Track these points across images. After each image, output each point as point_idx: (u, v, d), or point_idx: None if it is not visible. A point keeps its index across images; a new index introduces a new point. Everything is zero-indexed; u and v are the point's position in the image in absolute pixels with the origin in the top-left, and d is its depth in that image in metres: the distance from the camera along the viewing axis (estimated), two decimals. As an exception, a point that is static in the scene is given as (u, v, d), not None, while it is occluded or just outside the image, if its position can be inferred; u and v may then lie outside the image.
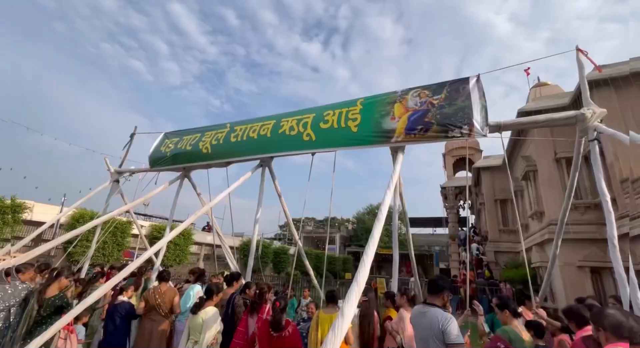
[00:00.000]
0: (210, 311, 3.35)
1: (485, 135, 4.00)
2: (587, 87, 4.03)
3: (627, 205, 8.18)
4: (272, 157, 5.94)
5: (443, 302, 2.49)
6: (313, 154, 5.54)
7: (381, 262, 30.66)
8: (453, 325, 2.23)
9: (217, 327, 3.27)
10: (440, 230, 38.98)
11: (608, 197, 3.48)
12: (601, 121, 3.83)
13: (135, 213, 9.57)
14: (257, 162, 5.96)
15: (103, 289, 3.66)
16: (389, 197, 3.60)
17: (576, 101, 9.81)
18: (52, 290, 3.45)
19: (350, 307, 2.24)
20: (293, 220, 7.37)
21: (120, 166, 7.95)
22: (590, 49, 4.68)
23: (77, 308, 3.29)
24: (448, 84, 4.48)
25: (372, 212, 41.45)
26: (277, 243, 25.47)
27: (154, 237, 13.88)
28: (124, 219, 13.17)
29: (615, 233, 3.29)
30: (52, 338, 3.33)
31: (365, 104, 5.02)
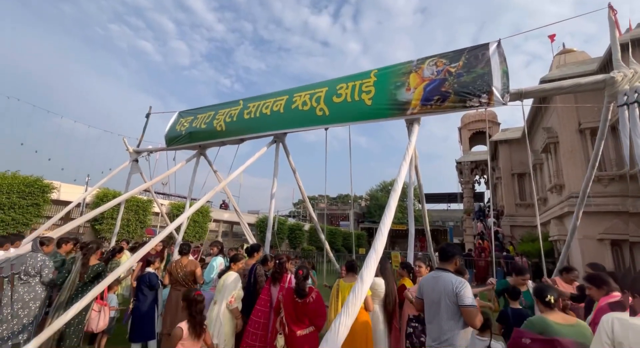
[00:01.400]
0: (232, 275, 3.68)
1: (505, 104, 3.84)
2: (618, 48, 3.74)
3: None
4: (285, 133, 5.93)
5: (455, 267, 2.58)
6: (326, 129, 5.48)
7: (394, 238, 31.01)
8: (467, 289, 2.28)
9: (237, 289, 3.56)
10: (454, 206, 38.92)
11: None
12: None
13: (155, 192, 9.90)
14: (271, 138, 5.97)
15: (131, 261, 3.91)
16: (404, 169, 3.56)
17: (606, 66, 9.22)
18: (94, 260, 4.09)
19: (369, 272, 2.30)
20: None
21: (138, 146, 8.14)
22: (622, 9, 4.31)
23: (109, 279, 3.57)
24: (467, 51, 4.26)
25: (385, 189, 41.45)
26: (291, 220, 26.02)
27: (173, 215, 14.39)
28: (145, 198, 13.66)
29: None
30: (87, 309, 3.85)
31: (380, 75, 4.86)
